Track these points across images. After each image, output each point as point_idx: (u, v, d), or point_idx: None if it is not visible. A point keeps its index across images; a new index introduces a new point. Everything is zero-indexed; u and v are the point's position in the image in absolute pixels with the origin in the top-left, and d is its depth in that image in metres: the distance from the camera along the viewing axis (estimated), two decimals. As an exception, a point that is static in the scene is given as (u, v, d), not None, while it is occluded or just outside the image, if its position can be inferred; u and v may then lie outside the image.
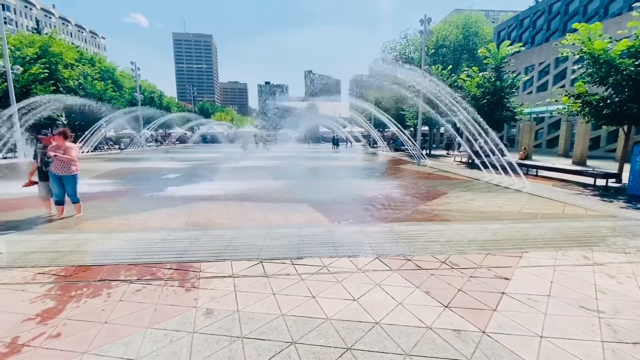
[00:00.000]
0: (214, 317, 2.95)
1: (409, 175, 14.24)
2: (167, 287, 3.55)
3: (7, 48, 19.51)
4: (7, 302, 3.24)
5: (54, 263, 4.17)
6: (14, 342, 2.58)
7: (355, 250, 4.64)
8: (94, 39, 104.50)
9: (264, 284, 3.64)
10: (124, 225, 6.21)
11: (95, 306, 3.15)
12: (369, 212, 7.39)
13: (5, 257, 4.39)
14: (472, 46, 43.93)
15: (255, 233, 5.41)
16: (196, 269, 4.03)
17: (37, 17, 71.90)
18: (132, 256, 4.39)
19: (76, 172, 6.62)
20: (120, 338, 2.63)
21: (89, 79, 30.48)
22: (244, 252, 4.56)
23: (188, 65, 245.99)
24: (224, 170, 15.94)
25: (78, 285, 3.62)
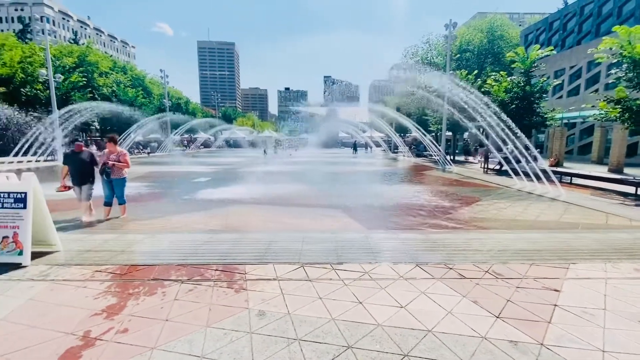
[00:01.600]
0: (267, 319, 3.04)
1: (436, 181, 14.03)
2: (217, 288, 3.69)
3: (50, 58, 20.80)
4: (72, 298, 3.46)
5: (109, 262, 4.42)
6: (86, 336, 2.76)
7: (394, 257, 4.64)
8: (125, 48, 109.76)
9: (309, 288, 3.71)
10: (166, 227, 6.48)
11: (153, 304, 3.32)
12: (402, 219, 7.35)
13: (63, 255, 4.68)
14: (497, 50, 42.91)
15: (292, 237, 5.50)
16: (241, 271, 4.15)
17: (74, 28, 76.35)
18: (180, 257, 4.58)
19: (125, 175, 6.99)
20: (183, 335, 2.76)
21: (122, 87, 31.99)
22: (285, 256, 4.65)
23: (211, 72, 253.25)
24: (250, 174, 16.27)
25: (134, 283, 3.82)
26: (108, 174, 6.59)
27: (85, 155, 6.87)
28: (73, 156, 6.77)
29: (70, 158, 6.77)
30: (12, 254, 4.26)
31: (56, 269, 4.21)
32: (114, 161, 6.83)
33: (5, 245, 4.27)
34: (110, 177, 6.65)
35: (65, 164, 6.85)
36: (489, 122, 13.04)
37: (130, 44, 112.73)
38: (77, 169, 6.71)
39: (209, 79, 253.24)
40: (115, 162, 6.69)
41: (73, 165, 6.72)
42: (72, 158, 6.76)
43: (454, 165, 20.74)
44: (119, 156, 6.93)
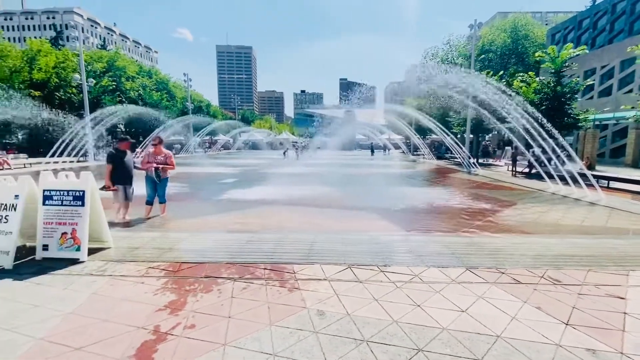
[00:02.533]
0: (328, 319, 3.03)
1: (465, 184, 13.73)
2: (270, 287, 3.71)
3: (83, 64, 21.71)
4: (133, 293, 3.56)
5: (160, 259, 4.53)
6: (157, 330, 2.82)
7: (441, 261, 4.54)
8: (148, 53, 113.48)
9: (362, 290, 3.68)
10: (205, 226, 6.61)
11: (212, 301, 3.37)
12: (439, 222, 7.22)
13: (114, 251, 4.84)
14: (521, 50, 41.77)
15: (332, 238, 5.49)
16: (290, 271, 4.17)
17: (101, 35, 79.56)
18: (227, 256, 4.65)
19: (168, 175, 7.19)
20: (250, 333, 2.79)
21: (148, 90, 33.02)
22: (329, 257, 4.64)
23: (229, 75, 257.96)
24: (275, 176, 16.41)
25: (188, 280, 3.90)
26: (159, 176, 6.79)
27: (129, 154, 6.91)
28: (118, 155, 6.68)
29: (115, 157, 6.67)
30: (71, 250, 4.43)
31: (112, 264, 4.35)
32: (162, 163, 7.05)
33: (64, 241, 4.44)
34: (160, 179, 6.85)
35: (110, 163, 6.67)
36: (522, 123, 12.64)
37: (153, 49, 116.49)
38: (122, 169, 6.59)
39: (227, 82, 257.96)
40: (163, 165, 6.91)
41: (118, 165, 6.59)
42: (117, 157, 6.67)
43: (480, 167, 20.21)
44: (166, 157, 7.13)
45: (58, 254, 4.44)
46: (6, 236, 4.25)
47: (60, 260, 4.40)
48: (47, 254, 4.45)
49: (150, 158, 7.07)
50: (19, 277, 3.92)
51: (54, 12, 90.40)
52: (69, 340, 2.64)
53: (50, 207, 4.49)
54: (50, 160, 19.27)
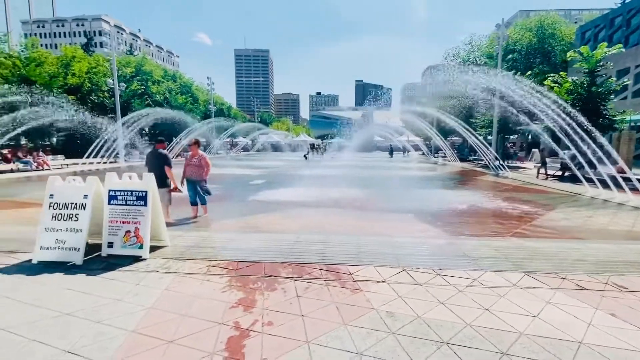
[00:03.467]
0: (400, 320, 3.05)
1: (497, 187, 13.44)
2: (332, 287, 3.77)
3: (116, 69, 22.60)
4: (202, 290, 3.69)
5: (217, 257, 4.67)
6: (237, 326, 2.92)
7: (496, 265, 4.48)
8: (170, 57, 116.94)
9: (424, 292, 3.68)
10: (248, 226, 6.76)
11: (280, 299, 3.46)
12: (481, 226, 7.12)
13: (171, 249, 5.02)
14: (547, 49, 40.53)
15: (379, 240, 5.51)
16: (345, 272, 4.21)
17: (126, 40, 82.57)
18: (279, 255, 4.74)
19: (204, 177, 7.39)
20: (327, 331, 2.85)
21: (173, 93, 33.98)
22: (380, 259, 4.66)
23: (247, 78, 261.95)
24: (301, 178, 16.54)
25: (250, 279, 4.00)
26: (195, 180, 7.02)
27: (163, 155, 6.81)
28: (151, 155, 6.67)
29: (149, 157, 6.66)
30: (134, 247, 4.63)
31: (173, 262, 4.52)
32: (196, 164, 7.26)
33: (127, 239, 4.66)
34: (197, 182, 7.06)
35: (147, 164, 6.69)
36: (560, 123, 12.25)
37: (175, 54, 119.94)
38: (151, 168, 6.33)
39: (245, 85, 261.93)
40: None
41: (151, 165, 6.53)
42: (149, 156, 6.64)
43: (509, 170, 19.66)
44: (200, 159, 7.34)
45: (122, 251, 4.65)
46: (76, 234, 4.49)
47: (124, 257, 4.60)
48: (112, 251, 4.67)
49: (187, 161, 7.31)
50: (91, 272, 4.14)
51: (83, 19, 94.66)
52: (159, 333, 2.78)
53: (115, 206, 4.72)
54: (86, 161, 20.15)
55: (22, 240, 5.38)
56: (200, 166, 7.32)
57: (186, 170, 7.31)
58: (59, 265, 4.32)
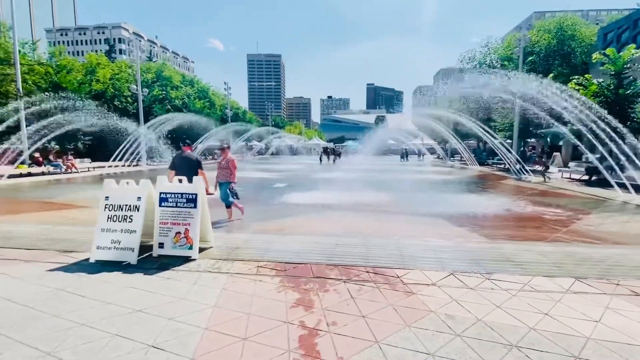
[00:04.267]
0: (462, 323, 3.08)
1: (523, 191, 13.23)
2: (384, 290, 3.81)
3: (139, 76, 23.28)
4: (258, 290, 3.79)
5: (264, 258, 4.78)
6: (304, 325, 3.00)
7: (544, 270, 4.45)
8: (186, 63, 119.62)
9: (477, 296, 3.69)
10: (284, 228, 6.88)
11: (336, 300, 3.53)
12: (519, 230, 7.07)
13: (216, 250, 5.16)
14: (567, 51, 39.73)
15: (417, 244, 5.53)
16: (393, 275, 4.26)
17: (144, 47, 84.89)
18: (323, 257, 4.82)
19: (231, 180, 7.57)
20: (393, 332, 2.90)
21: (192, 98, 34.73)
22: (424, 262, 4.68)
23: (259, 82, 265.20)
24: (322, 181, 16.65)
25: (301, 280, 4.09)
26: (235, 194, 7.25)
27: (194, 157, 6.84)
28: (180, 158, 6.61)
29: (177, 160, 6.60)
30: (184, 248, 4.79)
31: (222, 263, 4.65)
32: (225, 167, 7.47)
33: (178, 240, 4.82)
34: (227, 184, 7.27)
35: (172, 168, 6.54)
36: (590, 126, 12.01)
37: (190, 59, 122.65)
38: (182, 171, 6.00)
39: (257, 89, 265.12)
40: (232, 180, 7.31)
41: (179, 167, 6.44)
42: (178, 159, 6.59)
43: (533, 174, 19.29)
44: (228, 162, 7.53)
45: (172, 251, 4.81)
46: (131, 234, 4.68)
47: (174, 257, 4.76)
48: (162, 251, 4.84)
49: (218, 164, 7.55)
50: (148, 271, 4.30)
51: (104, 27, 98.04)
52: (232, 330, 2.88)
53: (166, 208, 4.90)
54: (112, 164, 20.79)
55: (73, 240, 5.64)
56: (228, 168, 7.51)
57: (218, 173, 7.55)
58: (115, 265, 4.50)
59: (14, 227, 6.63)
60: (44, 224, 7.02)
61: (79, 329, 2.87)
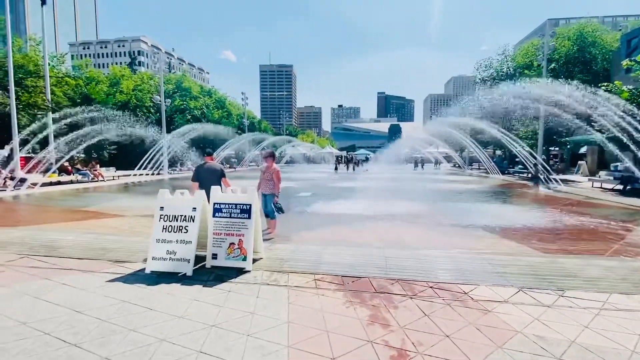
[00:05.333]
0: (556, 345, 2.88)
1: (556, 201, 12.81)
2: (456, 307, 3.64)
3: (163, 87, 23.85)
4: (326, 305, 3.66)
5: (317, 271, 4.67)
6: (389, 345, 2.86)
7: (617, 287, 4.20)
8: (201, 74, 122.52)
9: (559, 315, 3.48)
10: (324, 239, 6.78)
11: (410, 318, 3.37)
12: (569, 243, 6.78)
13: (267, 262, 5.08)
14: (588, 58, 39.01)
15: (470, 257, 5.34)
16: (458, 291, 4.08)
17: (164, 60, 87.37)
18: (379, 271, 4.67)
19: (274, 191, 7.50)
20: (489, 354, 2.72)
21: (210, 108, 35.36)
22: (486, 277, 4.49)
23: (271, 92, 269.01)
24: (345, 190, 16.55)
25: (364, 294, 3.96)
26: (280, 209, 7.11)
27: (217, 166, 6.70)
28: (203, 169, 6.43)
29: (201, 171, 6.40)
30: (237, 259, 4.73)
31: (277, 275, 4.56)
32: (269, 178, 7.39)
33: (231, 251, 4.76)
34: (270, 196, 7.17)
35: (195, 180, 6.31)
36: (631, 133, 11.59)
37: (205, 70, 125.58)
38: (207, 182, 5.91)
39: (269, 99, 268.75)
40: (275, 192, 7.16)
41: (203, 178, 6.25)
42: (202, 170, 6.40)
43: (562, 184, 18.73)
44: (272, 173, 7.46)
45: (225, 262, 4.75)
46: (186, 245, 4.65)
47: (228, 269, 4.70)
48: (216, 262, 4.78)
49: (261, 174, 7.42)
50: (206, 283, 4.25)
51: (124, 40, 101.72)
52: (317, 349, 2.77)
53: (220, 219, 4.86)
54: (137, 172, 21.19)
55: (121, 250, 5.66)
56: (272, 180, 7.43)
57: (261, 184, 7.39)
58: (171, 276, 4.46)
59: (59, 235, 6.72)
60: (87, 233, 7.11)
61: (162, 345, 2.81)
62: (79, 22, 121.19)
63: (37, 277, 4.44)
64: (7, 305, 3.58)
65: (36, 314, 3.36)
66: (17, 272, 4.64)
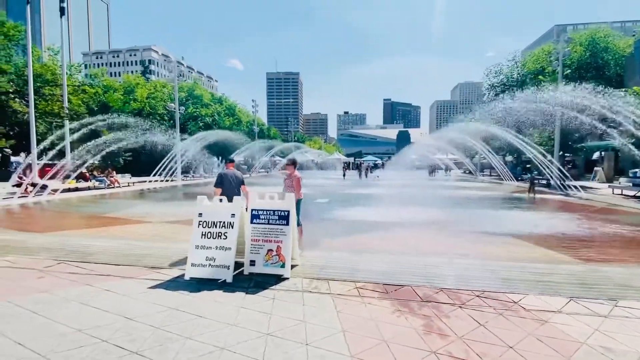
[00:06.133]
0: (623, 356, 2.78)
1: (580, 208, 12.57)
2: (510, 317, 3.54)
3: (177, 95, 24.19)
4: (375, 314, 3.57)
5: (356, 278, 4.60)
6: (454, 356, 2.79)
7: (673, 296, 4.06)
8: (210, 82, 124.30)
9: (620, 326, 3.35)
10: (352, 246, 6.77)
11: (466, 328, 3.28)
12: (605, 250, 6.63)
13: (302, 269, 5.03)
14: (600, 63, 38.68)
15: (509, 265, 5.23)
16: (507, 300, 3.97)
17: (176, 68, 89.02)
18: (422, 279, 4.59)
19: (301, 197, 7.48)
20: (558, 367, 2.64)
21: (222, 115, 35.73)
22: (531, 286, 4.37)
23: (277, 100, 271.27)
24: (361, 196, 16.48)
25: (411, 303, 3.87)
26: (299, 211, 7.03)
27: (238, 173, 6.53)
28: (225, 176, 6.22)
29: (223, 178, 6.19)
30: (275, 266, 4.69)
31: (317, 282, 4.51)
32: (290, 185, 7.37)
33: (269, 258, 4.73)
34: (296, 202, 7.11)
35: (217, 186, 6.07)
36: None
37: (214, 79, 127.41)
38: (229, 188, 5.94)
39: (275, 106, 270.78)
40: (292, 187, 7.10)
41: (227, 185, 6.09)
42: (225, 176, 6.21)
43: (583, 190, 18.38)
44: (293, 179, 7.44)
45: (264, 269, 4.72)
46: (226, 252, 4.63)
47: (266, 275, 4.66)
48: (254, 269, 4.75)
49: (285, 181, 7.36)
50: (248, 290, 4.21)
51: (135, 50, 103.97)
52: (380, 359, 2.71)
53: (258, 225, 4.84)
54: (152, 179, 21.42)
55: (154, 256, 5.67)
56: (293, 187, 7.40)
57: (284, 190, 7.40)
58: (211, 282, 4.44)
59: (89, 241, 6.76)
60: (115, 239, 7.16)
61: (223, 354, 2.77)
62: (92, 32, 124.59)
63: (79, 283, 4.46)
64: (58, 312, 3.58)
65: (88, 321, 3.35)
66: (58, 278, 4.67)
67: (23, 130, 22.76)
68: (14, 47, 26.47)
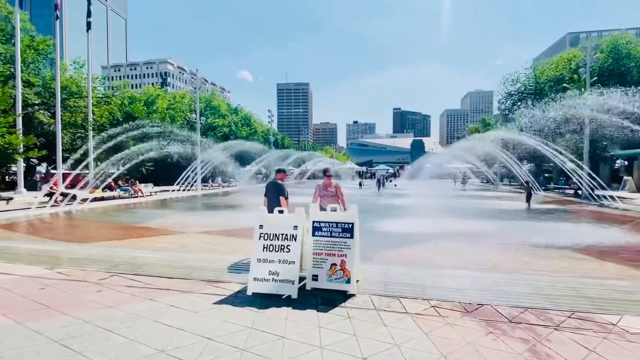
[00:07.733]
0: None
1: (622, 219, 12.03)
2: (618, 341, 3.23)
3: (199, 106, 24.52)
4: (467, 337, 3.29)
5: (428, 296, 4.33)
6: (580, 388, 2.50)
7: None
8: (223, 93, 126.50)
9: None
10: (408, 259, 6.52)
11: (575, 354, 2.98)
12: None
13: (365, 284, 4.77)
14: (623, 70, 37.82)
15: (587, 282, 4.89)
16: (605, 322, 3.65)
17: (186, 79, 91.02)
18: (497, 297, 4.30)
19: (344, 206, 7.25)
20: None
21: (239, 125, 36.09)
22: (623, 305, 4.06)
23: (287, 110, 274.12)
24: (391, 207, 16.20)
25: (499, 325, 3.58)
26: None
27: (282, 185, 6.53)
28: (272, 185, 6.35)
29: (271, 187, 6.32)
30: (340, 282, 4.45)
31: (386, 300, 4.25)
32: (332, 194, 7.15)
33: (333, 272, 4.50)
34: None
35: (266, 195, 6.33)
36: None
37: (227, 89, 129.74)
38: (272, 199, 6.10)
39: (285, 116, 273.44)
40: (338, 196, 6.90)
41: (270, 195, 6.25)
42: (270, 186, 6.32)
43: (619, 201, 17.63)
44: (335, 188, 7.23)
45: (327, 285, 4.49)
46: (289, 265, 4.42)
47: (330, 291, 4.43)
48: (316, 284, 4.53)
49: (321, 191, 7.08)
50: (318, 308, 3.98)
51: (152, 62, 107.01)
52: (507, 393, 2.43)
53: (320, 238, 4.64)
54: (175, 188, 21.58)
55: (205, 269, 5.51)
56: (336, 196, 7.18)
57: (322, 202, 7.11)
58: (275, 298, 4.24)
59: (134, 253, 6.66)
60: (161, 250, 7.05)
61: (328, 382, 2.54)
62: (110, 46, 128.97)
63: (141, 298, 4.31)
64: (133, 330, 3.42)
65: (168, 341, 3.17)
66: (117, 292, 4.53)
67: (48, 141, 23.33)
68: (43, 61, 27.42)
